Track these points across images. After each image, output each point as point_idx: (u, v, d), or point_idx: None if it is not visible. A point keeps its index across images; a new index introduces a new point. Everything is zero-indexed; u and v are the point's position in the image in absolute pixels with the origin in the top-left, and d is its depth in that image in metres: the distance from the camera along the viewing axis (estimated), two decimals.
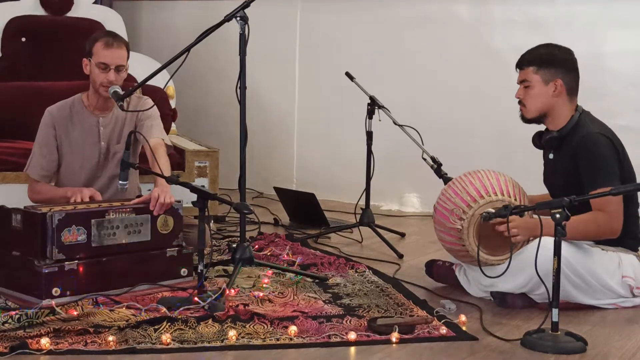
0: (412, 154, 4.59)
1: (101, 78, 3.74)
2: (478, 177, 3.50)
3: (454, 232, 3.46)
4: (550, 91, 3.48)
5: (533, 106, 3.52)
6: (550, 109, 3.51)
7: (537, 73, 3.49)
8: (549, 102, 3.50)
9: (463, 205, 3.43)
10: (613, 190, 3.04)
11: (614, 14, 5.11)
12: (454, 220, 3.45)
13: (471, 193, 3.44)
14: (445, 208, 3.50)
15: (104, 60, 3.73)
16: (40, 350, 2.76)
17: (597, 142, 3.40)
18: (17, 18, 5.61)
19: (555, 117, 3.51)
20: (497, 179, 3.48)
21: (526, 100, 3.53)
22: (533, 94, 3.50)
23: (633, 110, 4.92)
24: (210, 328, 3.02)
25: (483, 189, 3.44)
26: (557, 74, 3.48)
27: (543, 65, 3.49)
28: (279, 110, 6.33)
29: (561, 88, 3.48)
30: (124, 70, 3.79)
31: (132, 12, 6.86)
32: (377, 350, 2.92)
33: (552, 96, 3.49)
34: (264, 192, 6.05)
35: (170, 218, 3.55)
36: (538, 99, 3.50)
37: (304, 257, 4.13)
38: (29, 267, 3.23)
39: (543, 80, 3.48)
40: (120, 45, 3.78)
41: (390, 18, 5.82)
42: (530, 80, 3.50)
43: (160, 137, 3.85)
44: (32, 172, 3.89)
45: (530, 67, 3.50)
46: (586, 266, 3.34)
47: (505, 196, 3.42)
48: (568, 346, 2.94)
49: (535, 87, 3.50)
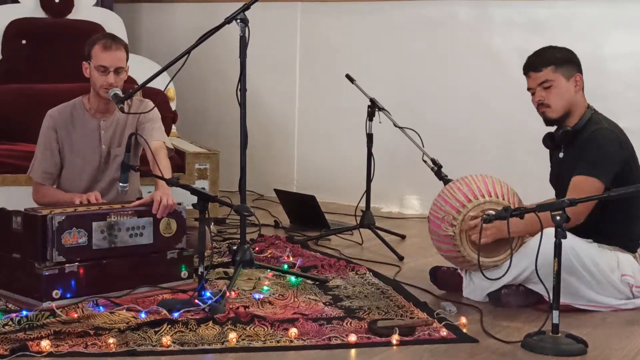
0: (413, 156, 4.59)
1: (101, 81, 3.74)
2: (465, 183, 3.52)
3: (448, 239, 3.48)
4: (572, 87, 3.50)
5: (559, 104, 3.50)
6: (574, 104, 3.52)
7: (556, 71, 3.49)
8: (572, 98, 3.51)
9: (452, 212, 3.45)
10: (612, 192, 3.05)
11: (614, 16, 5.11)
12: (445, 228, 3.47)
13: (459, 199, 3.46)
14: (436, 217, 3.53)
15: (102, 63, 3.73)
16: (41, 353, 2.75)
17: (606, 138, 3.43)
18: (17, 20, 5.62)
19: (574, 113, 3.52)
20: (484, 182, 3.50)
21: (550, 100, 3.50)
22: (558, 92, 3.49)
23: (633, 111, 4.92)
24: (211, 330, 3.02)
25: (471, 193, 3.46)
26: (574, 68, 3.51)
27: (561, 63, 3.50)
28: (280, 113, 6.33)
29: (581, 83, 3.51)
30: (123, 72, 3.79)
31: (133, 15, 6.87)
32: (377, 352, 2.92)
33: (575, 92, 3.51)
34: (264, 195, 6.05)
35: (173, 221, 3.54)
36: (564, 96, 3.50)
37: (305, 259, 4.14)
38: (30, 269, 3.23)
39: (565, 77, 3.49)
40: (119, 47, 3.78)
41: (391, 20, 5.82)
42: (552, 80, 3.49)
43: (162, 139, 3.85)
44: (35, 175, 3.89)
45: (547, 67, 3.49)
46: (590, 256, 3.35)
47: (493, 197, 3.44)
48: (568, 348, 2.94)
49: (559, 85, 3.49)
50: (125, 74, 3.83)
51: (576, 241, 3.33)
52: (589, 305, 3.42)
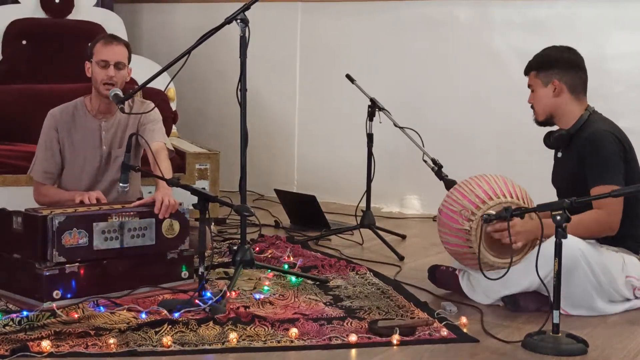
0: (413, 156, 4.60)
1: (102, 75, 3.75)
2: (485, 180, 3.50)
3: (462, 234, 3.44)
4: (550, 92, 3.55)
5: (539, 108, 3.60)
6: (555, 109, 3.56)
7: (537, 77, 3.58)
8: (551, 103, 3.55)
9: (471, 207, 3.42)
10: (614, 192, 3.05)
11: (616, 16, 5.11)
12: (462, 222, 3.44)
13: (479, 195, 3.44)
14: (451, 210, 3.49)
15: (103, 57, 3.76)
16: (41, 353, 2.75)
17: (604, 139, 3.43)
18: (17, 21, 5.62)
19: (562, 116, 3.56)
20: (504, 182, 3.49)
21: (534, 104, 3.62)
22: (537, 97, 3.60)
23: (635, 111, 4.92)
24: (211, 330, 3.02)
25: (492, 190, 3.44)
26: (553, 74, 3.55)
27: (540, 68, 3.58)
28: (280, 113, 6.33)
29: (560, 88, 3.53)
30: (124, 68, 3.80)
31: (133, 15, 6.87)
32: (377, 352, 2.92)
33: (553, 96, 3.55)
34: (264, 195, 6.05)
35: (176, 222, 3.54)
36: (542, 101, 3.58)
37: (305, 259, 4.14)
38: (30, 269, 3.23)
39: (543, 82, 3.57)
40: (120, 43, 3.82)
41: (391, 20, 5.82)
42: (533, 85, 3.60)
43: (162, 141, 3.85)
44: (36, 175, 3.89)
45: (531, 71, 3.61)
46: (599, 262, 3.35)
47: (514, 199, 3.41)
48: (569, 348, 2.93)
49: (537, 90, 3.59)
50: (128, 73, 3.84)
51: (586, 247, 3.32)
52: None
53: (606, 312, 3.39)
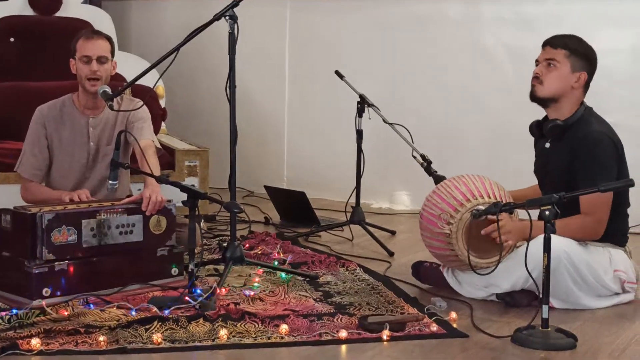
0: (402, 152, 4.60)
1: (85, 71, 3.75)
2: (463, 182, 3.50)
3: (442, 237, 3.45)
4: (572, 80, 3.49)
5: (551, 86, 3.50)
6: (563, 95, 3.50)
7: (568, 58, 3.49)
8: (566, 89, 3.50)
9: (450, 210, 3.43)
10: (601, 187, 3.05)
11: (604, 12, 5.12)
12: (441, 225, 3.44)
13: (457, 197, 3.44)
14: (431, 214, 3.50)
15: (85, 52, 3.76)
16: (31, 351, 2.75)
17: (600, 141, 3.41)
18: (5, 18, 5.59)
19: (562, 105, 3.52)
20: (482, 182, 3.49)
21: (545, 78, 3.51)
22: (555, 75, 3.49)
23: (622, 108, 4.94)
24: (202, 327, 3.02)
25: (469, 192, 3.44)
26: (585, 67, 3.51)
27: (577, 54, 3.50)
28: (269, 109, 6.32)
29: (581, 82, 3.50)
30: (107, 62, 3.79)
31: (122, 12, 6.84)
32: (368, 348, 2.93)
33: (572, 85, 3.49)
34: (254, 191, 6.04)
35: (163, 218, 3.54)
36: (559, 81, 3.49)
37: (295, 255, 4.14)
38: (19, 267, 3.22)
39: (571, 66, 3.49)
40: (101, 37, 3.83)
41: (380, 16, 5.82)
42: (559, 61, 3.50)
43: (151, 138, 3.85)
44: (23, 171, 3.88)
45: (564, 49, 3.50)
46: (585, 260, 3.35)
47: (491, 199, 3.41)
48: (558, 342, 2.95)
49: (561, 69, 3.49)
50: (113, 67, 3.83)
51: (570, 245, 3.32)
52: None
53: (593, 307, 3.41)
